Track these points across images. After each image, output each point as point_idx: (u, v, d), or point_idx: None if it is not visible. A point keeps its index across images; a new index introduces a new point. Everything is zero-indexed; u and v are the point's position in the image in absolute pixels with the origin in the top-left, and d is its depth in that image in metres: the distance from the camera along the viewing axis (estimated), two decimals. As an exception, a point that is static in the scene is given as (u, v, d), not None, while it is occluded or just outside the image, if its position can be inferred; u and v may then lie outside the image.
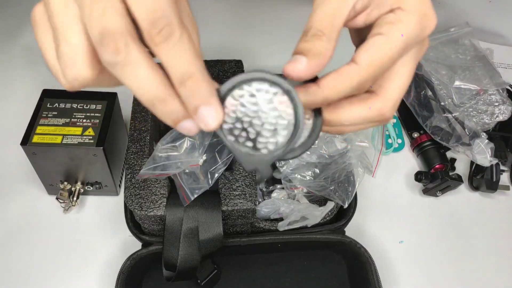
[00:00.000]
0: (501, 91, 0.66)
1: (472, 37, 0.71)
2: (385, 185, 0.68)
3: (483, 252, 0.63)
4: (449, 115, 0.66)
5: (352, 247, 0.56)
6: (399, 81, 0.33)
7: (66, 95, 0.58)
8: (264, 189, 0.60)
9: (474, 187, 0.67)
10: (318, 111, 0.32)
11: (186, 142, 0.51)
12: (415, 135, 0.70)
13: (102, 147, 0.54)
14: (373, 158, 0.58)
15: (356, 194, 0.57)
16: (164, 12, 0.26)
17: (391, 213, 0.66)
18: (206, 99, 0.27)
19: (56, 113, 0.56)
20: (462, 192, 0.68)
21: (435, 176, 0.64)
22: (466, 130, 0.65)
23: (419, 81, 0.70)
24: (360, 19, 0.32)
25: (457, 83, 0.66)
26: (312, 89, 0.30)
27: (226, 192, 0.53)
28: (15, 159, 0.64)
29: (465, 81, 0.66)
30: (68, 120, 0.56)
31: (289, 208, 0.54)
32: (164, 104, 0.27)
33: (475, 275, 0.61)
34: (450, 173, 0.65)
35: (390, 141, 0.72)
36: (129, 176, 0.54)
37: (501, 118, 0.66)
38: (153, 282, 0.57)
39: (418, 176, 0.65)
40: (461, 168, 0.70)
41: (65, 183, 0.60)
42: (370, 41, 0.31)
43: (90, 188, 0.61)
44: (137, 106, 0.59)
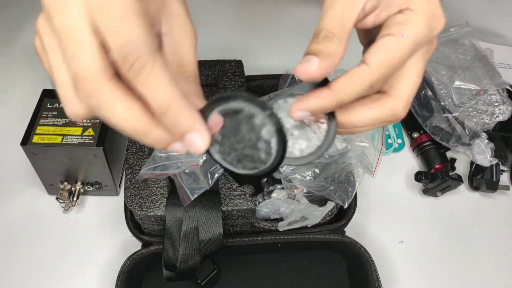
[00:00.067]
0: (501, 91, 0.66)
1: (472, 37, 0.71)
2: (385, 185, 0.68)
3: (483, 252, 0.63)
4: (449, 115, 0.65)
5: (352, 247, 0.56)
6: (410, 80, 0.33)
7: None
8: (264, 189, 0.60)
9: (474, 187, 0.67)
10: (331, 115, 0.32)
11: (186, 142, 0.50)
12: (415, 135, 0.70)
13: (102, 147, 0.54)
14: (373, 158, 0.58)
15: (356, 194, 0.57)
16: (133, 45, 0.26)
17: (391, 213, 0.66)
18: (189, 126, 0.27)
19: (56, 113, 0.56)
20: (462, 192, 0.68)
21: (435, 176, 0.64)
22: (466, 130, 0.65)
23: (419, 81, 0.69)
24: (369, 20, 0.32)
25: (457, 83, 0.66)
26: (325, 93, 0.30)
27: (226, 192, 0.53)
28: (15, 159, 0.64)
29: (465, 81, 0.66)
30: (68, 120, 0.56)
31: (289, 208, 0.54)
32: (147, 135, 0.27)
33: (475, 275, 0.61)
34: (450, 173, 0.65)
35: (390, 141, 0.71)
36: (129, 176, 0.54)
37: (501, 118, 0.66)
38: (153, 282, 0.57)
39: (418, 176, 0.65)
40: (461, 168, 0.70)
41: (65, 183, 0.60)
42: (380, 42, 0.31)
43: (90, 188, 0.61)
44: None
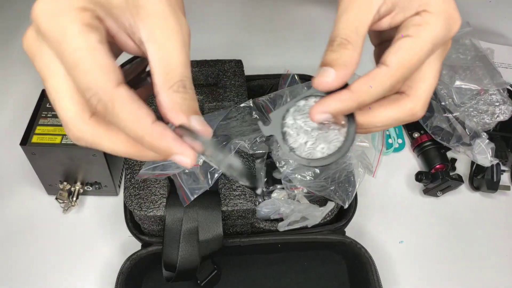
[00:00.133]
0: (501, 91, 0.66)
1: (472, 37, 0.70)
2: (386, 185, 0.68)
3: (484, 252, 0.63)
4: (449, 115, 0.65)
5: (353, 248, 0.56)
6: (428, 81, 0.34)
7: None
8: (264, 189, 0.60)
9: (475, 187, 0.67)
10: (351, 116, 0.33)
11: (186, 142, 0.50)
12: (416, 135, 0.70)
13: (101, 147, 0.54)
14: (374, 158, 0.57)
15: (356, 194, 0.57)
16: (91, 90, 0.27)
17: (391, 213, 0.66)
18: (168, 151, 0.28)
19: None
20: (463, 192, 0.68)
21: (436, 176, 0.64)
22: (466, 130, 0.64)
23: (420, 81, 0.69)
24: (384, 22, 0.33)
25: (457, 83, 0.65)
26: (346, 96, 0.31)
27: (226, 192, 0.53)
28: (15, 159, 0.64)
29: (465, 81, 0.66)
30: (67, 120, 0.56)
31: (289, 208, 0.54)
32: (142, 157, 0.30)
33: (475, 275, 0.61)
34: (451, 173, 0.65)
35: (390, 141, 0.71)
36: (128, 176, 0.54)
37: (501, 118, 0.66)
38: (153, 283, 0.57)
39: (419, 176, 0.64)
40: (462, 168, 0.70)
41: (65, 183, 0.60)
42: (398, 43, 0.31)
43: (89, 188, 0.61)
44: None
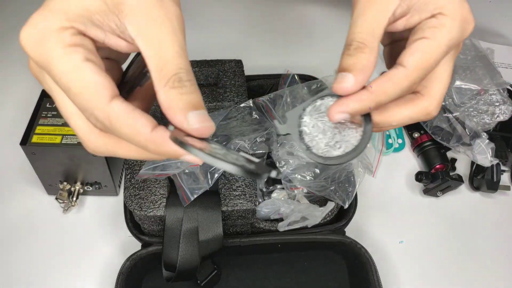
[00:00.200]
0: (501, 91, 0.66)
1: (472, 37, 0.70)
2: (386, 185, 0.68)
3: (484, 252, 0.63)
4: (449, 115, 0.65)
5: (353, 248, 0.56)
6: (442, 81, 0.34)
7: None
8: (264, 189, 0.60)
9: (475, 187, 0.67)
10: (367, 115, 0.34)
11: (186, 142, 0.50)
12: (416, 135, 0.70)
13: (101, 147, 0.54)
14: (374, 158, 0.57)
15: (356, 194, 0.57)
16: (88, 111, 0.28)
17: (391, 213, 0.66)
18: (174, 154, 0.28)
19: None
20: (463, 192, 0.68)
21: (436, 176, 0.64)
22: (466, 130, 0.64)
23: (420, 81, 0.69)
24: (399, 23, 0.33)
25: (457, 83, 0.65)
26: (364, 96, 0.32)
27: (226, 192, 0.53)
28: (15, 159, 0.64)
29: (465, 81, 0.65)
30: (67, 120, 0.56)
31: (289, 208, 0.54)
32: (157, 158, 0.30)
33: (475, 275, 0.61)
34: (451, 173, 0.65)
35: (390, 141, 0.71)
36: (128, 176, 0.54)
37: (501, 118, 0.65)
38: (153, 283, 0.57)
39: (419, 176, 0.64)
40: (462, 168, 0.70)
41: (65, 183, 0.60)
42: (415, 45, 0.32)
43: (89, 188, 0.61)
44: (137, 106, 0.59)
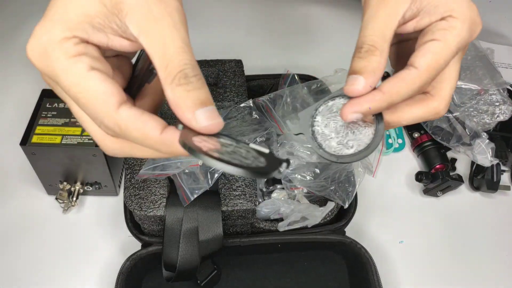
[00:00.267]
0: (501, 91, 0.66)
1: (472, 37, 0.70)
2: (386, 185, 0.68)
3: (484, 252, 0.63)
4: (449, 115, 0.65)
5: (353, 248, 0.56)
6: (450, 81, 0.35)
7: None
8: (264, 189, 0.60)
9: (475, 187, 0.67)
10: (379, 115, 0.35)
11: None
12: (416, 135, 0.70)
13: (101, 147, 0.54)
14: (374, 158, 0.57)
15: (356, 194, 0.57)
16: (98, 119, 0.29)
17: (391, 213, 0.65)
18: (185, 154, 0.29)
19: (55, 113, 0.56)
20: (463, 192, 0.68)
21: (436, 176, 0.64)
22: (466, 130, 0.64)
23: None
24: (409, 25, 0.34)
25: (457, 83, 0.65)
26: (377, 96, 0.32)
27: (226, 192, 0.53)
28: (15, 159, 0.64)
29: (465, 81, 0.66)
30: (67, 120, 0.56)
31: (289, 208, 0.54)
32: (171, 156, 0.31)
33: (475, 275, 0.61)
34: (451, 173, 0.65)
35: (390, 141, 0.71)
36: (128, 176, 0.54)
37: (501, 118, 0.66)
38: (153, 283, 0.57)
39: (419, 176, 0.64)
40: (462, 168, 0.70)
41: (65, 183, 0.59)
42: (426, 47, 0.33)
43: (89, 188, 0.61)
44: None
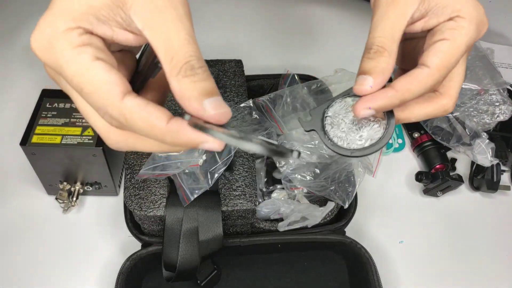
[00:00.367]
0: (501, 91, 0.66)
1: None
2: (386, 185, 0.68)
3: (484, 252, 0.63)
4: (449, 115, 0.65)
5: (353, 248, 0.56)
6: (458, 79, 0.36)
7: (65, 95, 0.57)
8: (264, 189, 0.60)
9: (475, 187, 0.67)
10: (390, 112, 0.36)
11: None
12: (416, 135, 0.70)
13: (101, 147, 0.54)
14: (374, 158, 0.57)
15: (356, 194, 0.57)
16: (102, 109, 0.29)
17: (391, 213, 0.66)
18: (192, 143, 0.29)
19: (55, 113, 0.56)
20: (463, 192, 0.68)
21: (436, 176, 0.64)
22: (466, 130, 0.64)
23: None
24: (417, 25, 0.35)
25: (459, 82, 0.65)
26: (390, 93, 0.33)
27: (226, 192, 0.53)
28: (15, 159, 0.64)
29: (465, 81, 0.65)
30: (67, 120, 0.56)
31: (289, 208, 0.54)
32: (177, 150, 0.31)
33: (475, 275, 0.61)
34: (451, 173, 0.65)
35: (390, 141, 0.71)
36: (128, 176, 0.54)
37: (501, 118, 0.65)
38: (153, 283, 0.57)
39: (419, 176, 0.64)
40: (462, 168, 0.70)
41: (65, 183, 0.59)
42: (437, 46, 0.34)
43: (89, 188, 0.61)
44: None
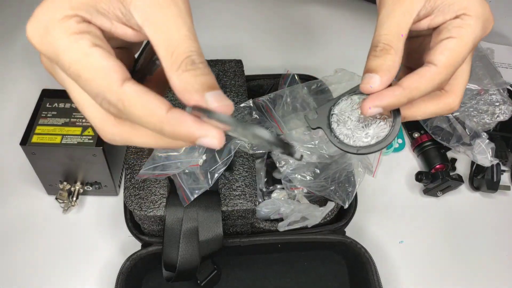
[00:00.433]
0: (501, 91, 0.66)
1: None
2: (386, 185, 0.68)
3: (484, 252, 0.63)
4: (449, 115, 0.65)
5: (353, 248, 0.56)
6: (464, 77, 0.36)
7: (65, 95, 0.57)
8: (264, 189, 0.60)
9: (475, 187, 0.67)
10: (397, 110, 0.35)
11: (186, 142, 0.50)
12: (416, 135, 0.70)
13: (101, 147, 0.54)
14: (374, 158, 0.57)
15: (356, 194, 0.57)
16: (99, 96, 0.28)
17: (391, 213, 0.66)
18: (191, 136, 0.28)
19: (55, 113, 0.56)
20: (463, 192, 0.68)
21: (436, 176, 0.64)
22: (466, 130, 0.64)
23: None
24: (423, 23, 0.35)
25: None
26: (397, 91, 0.33)
27: (226, 192, 0.53)
28: (15, 159, 0.64)
29: (466, 81, 0.66)
30: (67, 120, 0.56)
31: (289, 208, 0.54)
32: (172, 146, 0.30)
33: (475, 275, 0.61)
34: (451, 173, 0.65)
35: (390, 141, 0.71)
36: (128, 176, 0.54)
37: (501, 118, 0.66)
38: (153, 283, 0.57)
39: (419, 176, 0.64)
40: (462, 168, 0.70)
41: (65, 183, 0.59)
42: (444, 44, 0.33)
43: (89, 188, 0.61)
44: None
